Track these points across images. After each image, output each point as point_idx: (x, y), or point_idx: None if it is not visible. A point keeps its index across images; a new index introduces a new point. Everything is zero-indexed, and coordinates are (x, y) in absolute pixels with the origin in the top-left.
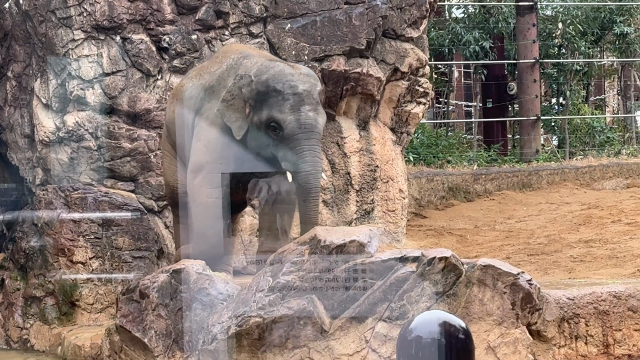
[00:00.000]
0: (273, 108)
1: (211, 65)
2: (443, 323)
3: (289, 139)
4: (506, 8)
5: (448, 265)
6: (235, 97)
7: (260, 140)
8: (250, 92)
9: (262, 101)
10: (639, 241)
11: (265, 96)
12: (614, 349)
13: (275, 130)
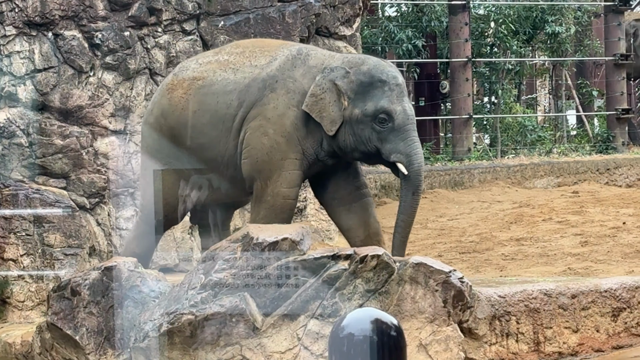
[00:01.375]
0: (381, 99)
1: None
2: (375, 320)
3: (399, 130)
4: (439, 7)
5: (380, 263)
6: (326, 90)
7: (360, 134)
8: (350, 84)
9: (365, 93)
10: (570, 239)
11: (369, 87)
12: (545, 347)
13: (383, 122)
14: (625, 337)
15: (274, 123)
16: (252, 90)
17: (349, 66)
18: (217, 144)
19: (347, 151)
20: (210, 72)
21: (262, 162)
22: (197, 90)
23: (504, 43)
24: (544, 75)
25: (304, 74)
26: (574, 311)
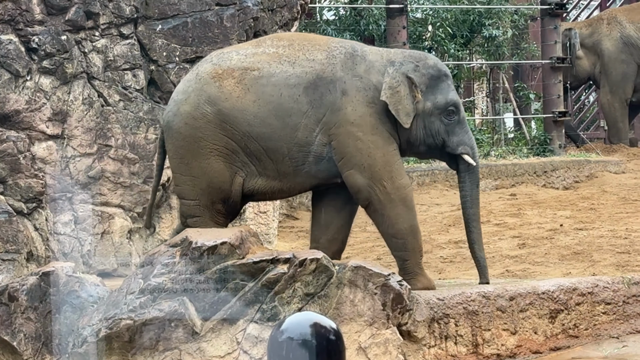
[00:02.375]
0: (449, 92)
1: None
2: (314, 324)
3: (462, 123)
4: (377, 10)
5: (319, 267)
6: (400, 83)
7: (431, 127)
8: (421, 77)
9: (434, 86)
10: (507, 242)
11: (438, 81)
12: (483, 349)
13: (452, 114)
14: (563, 339)
15: (359, 125)
16: (322, 90)
17: (416, 60)
18: (280, 135)
19: (416, 144)
20: (264, 64)
21: (369, 166)
22: (254, 81)
23: (441, 46)
24: (482, 78)
25: (367, 69)
26: (512, 313)
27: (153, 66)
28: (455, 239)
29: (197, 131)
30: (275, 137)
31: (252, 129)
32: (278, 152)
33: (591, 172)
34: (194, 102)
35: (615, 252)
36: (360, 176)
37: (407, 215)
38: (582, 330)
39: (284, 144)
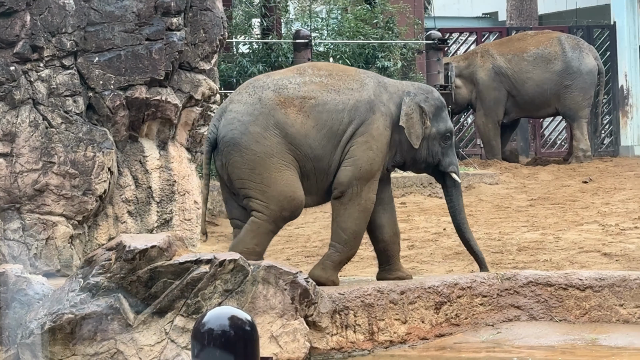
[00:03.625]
0: (447, 121)
1: (339, 81)
2: (232, 317)
3: (452, 146)
4: (285, 45)
5: (237, 267)
6: (414, 110)
7: (432, 149)
8: (430, 107)
9: (438, 115)
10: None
11: (440, 110)
12: (378, 336)
13: (447, 139)
14: (446, 327)
15: (377, 140)
16: (361, 110)
17: (426, 92)
18: (328, 154)
19: (419, 162)
20: (317, 92)
21: (365, 171)
22: (313, 108)
23: None
24: None
25: (388, 99)
26: (402, 305)
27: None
28: None
29: (269, 149)
30: (326, 158)
31: (312, 151)
32: (324, 170)
33: (469, 183)
34: (263, 124)
35: (490, 252)
36: (352, 174)
37: (360, 222)
38: (462, 319)
39: (329, 163)
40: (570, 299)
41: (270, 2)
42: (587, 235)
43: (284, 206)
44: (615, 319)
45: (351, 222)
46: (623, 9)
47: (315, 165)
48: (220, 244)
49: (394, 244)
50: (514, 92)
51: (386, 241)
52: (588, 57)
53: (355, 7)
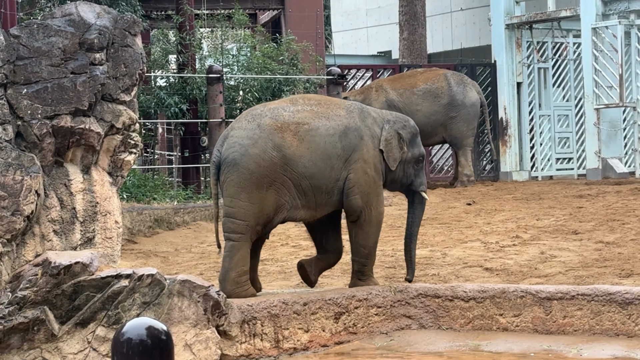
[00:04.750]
0: (420, 146)
1: (328, 109)
2: (149, 327)
3: (422, 169)
4: (199, 79)
5: (154, 281)
6: (393, 136)
7: (407, 171)
8: (407, 134)
9: (413, 141)
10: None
11: (415, 137)
12: (283, 344)
13: (419, 162)
14: (345, 335)
15: (369, 163)
16: (350, 137)
17: (404, 121)
18: (324, 174)
19: (395, 182)
20: (310, 119)
21: (369, 193)
22: (306, 132)
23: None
24: None
25: (372, 123)
26: (305, 315)
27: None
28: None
29: (265, 170)
30: (321, 176)
31: (306, 170)
32: (320, 188)
33: None
34: (262, 147)
35: (385, 267)
36: (360, 200)
37: (376, 235)
38: (359, 328)
39: (325, 181)
40: (455, 309)
41: (186, 39)
42: (471, 252)
43: (260, 222)
44: (496, 327)
45: (369, 238)
46: (502, 49)
47: (310, 182)
48: (139, 260)
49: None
50: None
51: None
52: (471, 91)
53: (263, 45)
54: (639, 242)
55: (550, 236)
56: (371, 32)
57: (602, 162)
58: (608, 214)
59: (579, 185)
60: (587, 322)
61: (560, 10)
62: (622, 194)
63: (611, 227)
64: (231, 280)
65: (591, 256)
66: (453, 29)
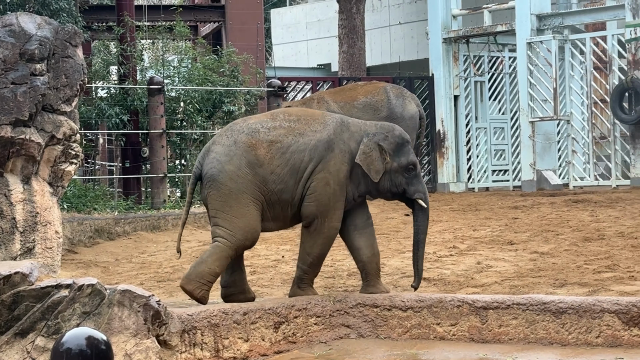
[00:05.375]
0: (410, 155)
1: (305, 125)
2: (88, 337)
3: (418, 176)
4: (140, 90)
5: (94, 291)
6: (373, 149)
7: (395, 180)
8: (389, 144)
9: (399, 150)
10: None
11: (401, 146)
12: (223, 353)
13: (411, 171)
14: (284, 344)
15: (334, 176)
16: (320, 149)
17: (386, 131)
18: (292, 189)
19: (383, 192)
20: (283, 137)
21: (325, 204)
22: (278, 150)
23: (191, 119)
24: None
25: (349, 137)
26: (245, 325)
27: None
28: None
29: (241, 186)
30: (289, 191)
31: (276, 185)
32: (288, 201)
33: None
34: (237, 164)
35: (324, 277)
36: (315, 208)
37: (324, 247)
38: (298, 337)
39: (292, 195)
40: (393, 318)
41: (127, 51)
42: (409, 262)
43: (248, 237)
44: (433, 336)
45: (316, 247)
46: (440, 63)
47: (279, 197)
48: (79, 270)
49: (371, 263)
50: None
51: (364, 261)
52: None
53: (204, 57)
54: (572, 252)
55: (487, 246)
56: (311, 45)
57: (536, 174)
58: (543, 225)
59: (514, 196)
60: (522, 331)
61: (496, 25)
62: (556, 205)
63: (546, 237)
64: (199, 273)
65: (526, 266)
66: (392, 43)
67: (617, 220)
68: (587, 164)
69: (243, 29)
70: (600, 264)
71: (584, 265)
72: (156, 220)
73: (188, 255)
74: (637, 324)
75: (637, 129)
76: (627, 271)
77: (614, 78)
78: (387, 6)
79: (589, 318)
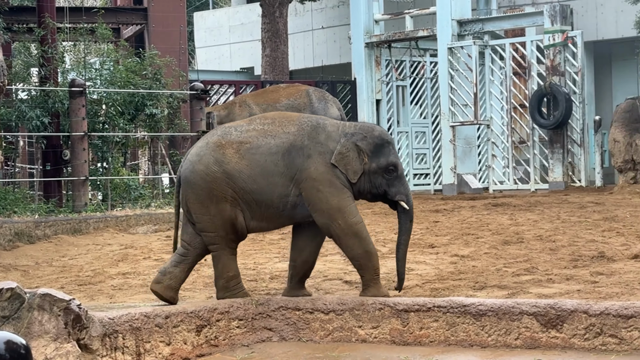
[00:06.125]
0: (390, 155)
1: (279, 127)
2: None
3: (400, 178)
4: (62, 92)
5: (14, 295)
6: (350, 150)
7: (375, 182)
8: (368, 145)
9: (378, 151)
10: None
11: (380, 147)
12: (144, 357)
13: (391, 172)
14: (206, 347)
15: (319, 180)
16: (294, 155)
17: (364, 132)
18: (265, 190)
19: (364, 193)
20: (254, 138)
21: (326, 209)
22: (247, 151)
23: (113, 121)
24: (144, 146)
25: (326, 138)
26: (167, 328)
27: None
28: (124, 271)
29: (211, 184)
30: (262, 192)
31: (246, 185)
32: (264, 202)
33: None
34: (206, 162)
35: (247, 280)
36: (321, 218)
37: (360, 244)
38: (220, 340)
39: (268, 197)
40: (316, 321)
41: (48, 53)
42: (331, 265)
43: (229, 230)
44: (355, 339)
45: (354, 250)
46: (362, 67)
47: (253, 197)
48: None
49: (301, 270)
50: None
51: (297, 264)
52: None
53: (126, 60)
54: (492, 255)
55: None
56: (234, 48)
57: (457, 178)
58: (463, 228)
59: (435, 200)
60: (443, 334)
61: (418, 30)
62: (476, 208)
63: (466, 241)
64: (220, 287)
65: (447, 269)
66: (314, 47)
67: (535, 223)
68: (506, 168)
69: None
70: (519, 267)
71: (503, 268)
72: (77, 223)
73: (109, 259)
74: (555, 326)
75: (555, 133)
76: (545, 274)
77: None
78: (309, 10)
79: (508, 320)
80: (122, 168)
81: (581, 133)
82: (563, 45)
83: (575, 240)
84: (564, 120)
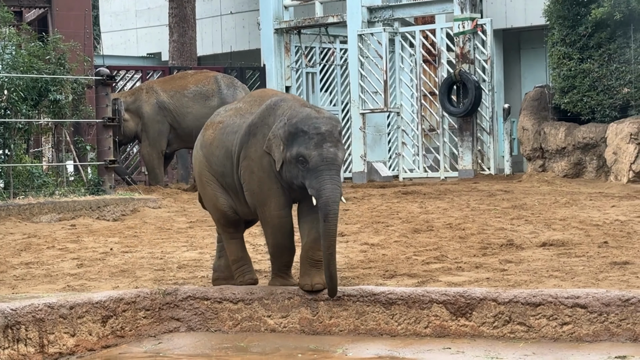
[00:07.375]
0: (301, 145)
1: (250, 106)
2: None
3: (314, 170)
4: None
5: None
6: (275, 136)
7: (292, 172)
8: (284, 133)
9: (293, 140)
10: (69, 263)
11: (295, 136)
12: (48, 349)
13: (303, 163)
14: (112, 338)
15: (255, 161)
16: (243, 133)
17: (289, 118)
18: (231, 173)
19: (289, 183)
20: (228, 117)
21: (256, 193)
22: (219, 131)
23: (15, 107)
24: (48, 133)
25: (273, 121)
26: (72, 319)
27: None
28: (26, 261)
29: (200, 168)
30: (229, 174)
31: (218, 168)
32: (234, 186)
33: (135, 207)
34: (198, 145)
35: (154, 269)
36: (250, 198)
37: (275, 237)
38: (127, 331)
39: (234, 180)
40: (224, 311)
41: None
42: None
43: (220, 214)
44: (264, 329)
45: (268, 237)
46: (271, 53)
47: (225, 180)
48: None
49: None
50: (175, 125)
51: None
52: (241, 94)
53: (29, 44)
54: (402, 243)
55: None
56: (140, 33)
57: (367, 166)
58: (373, 217)
59: (345, 188)
60: (353, 323)
61: (328, 17)
62: (386, 197)
63: (376, 229)
64: (233, 273)
65: (357, 257)
66: (223, 32)
67: (445, 211)
68: (416, 155)
69: (70, 16)
70: (429, 255)
71: (413, 257)
72: None
73: (12, 248)
74: (464, 314)
75: (464, 121)
76: (455, 262)
77: (443, 71)
78: None
79: (417, 309)
80: (24, 155)
81: (490, 121)
82: (472, 33)
83: (485, 228)
84: (474, 108)
